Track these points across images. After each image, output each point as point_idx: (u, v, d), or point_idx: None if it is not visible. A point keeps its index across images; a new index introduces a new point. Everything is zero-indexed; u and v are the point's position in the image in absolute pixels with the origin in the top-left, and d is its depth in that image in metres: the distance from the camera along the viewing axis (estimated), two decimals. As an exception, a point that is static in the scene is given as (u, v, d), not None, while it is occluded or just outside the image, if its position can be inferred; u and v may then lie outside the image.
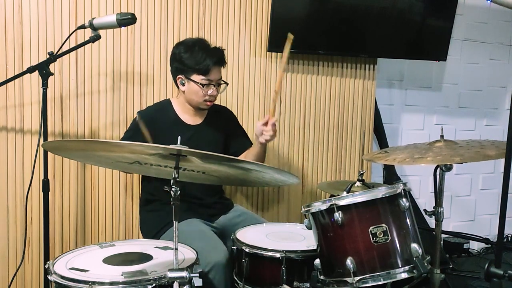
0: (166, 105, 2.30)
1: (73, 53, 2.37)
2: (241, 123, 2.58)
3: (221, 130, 2.37)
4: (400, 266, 1.59)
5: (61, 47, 2.20)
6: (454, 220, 3.70)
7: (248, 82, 2.80)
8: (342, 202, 1.62)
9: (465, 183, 3.71)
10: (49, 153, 2.17)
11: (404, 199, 1.64)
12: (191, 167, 1.51)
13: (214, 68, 2.16)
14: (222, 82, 2.24)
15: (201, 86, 2.16)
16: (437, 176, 1.86)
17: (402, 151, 1.86)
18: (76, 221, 2.52)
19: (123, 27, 2.09)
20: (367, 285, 1.58)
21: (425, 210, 1.86)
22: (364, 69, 3.06)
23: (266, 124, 2.12)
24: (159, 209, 2.21)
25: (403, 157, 1.77)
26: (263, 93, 2.84)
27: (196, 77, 2.16)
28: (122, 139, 2.29)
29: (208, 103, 2.22)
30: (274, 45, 2.74)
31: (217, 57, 2.18)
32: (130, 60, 2.54)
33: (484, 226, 3.78)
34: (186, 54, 2.16)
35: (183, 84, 2.20)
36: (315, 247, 1.77)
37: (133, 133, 2.19)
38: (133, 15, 2.05)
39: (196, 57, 2.14)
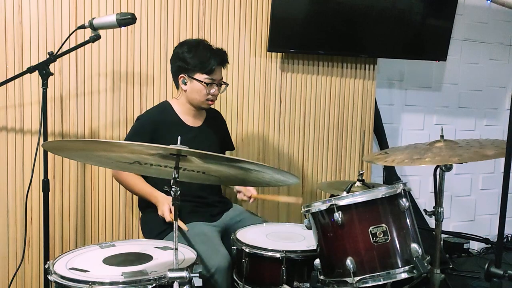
0: (166, 107, 2.29)
1: (73, 53, 2.37)
2: (241, 123, 2.59)
3: (218, 132, 2.41)
4: (400, 266, 1.59)
5: (61, 47, 2.20)
6: (454, 220, 3.70)
7: (248, 82, 2.80)
8: (342, 202, 1.62)
9: (465, 183, 3.71)
10: (49, 153, 2.17)
11: (404, 199, 1.64)
12: (191, 167, 1.51)
13: (217, 68, 2.19)
14: (223, 82, 2.25)
15: (205, 85, 2.17)
16: (437, 176, 1.86)
17: (402, 152, 1.86)
18: (76, 221, 2.52)
19: (123, 27, 2.08)
20: (367, 285, 1.58)
21: (425, 210, 1.87)
22: (364, 69, 3.06)
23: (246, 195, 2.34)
24: None
25: (402, 158, 1.78)
26: (263, 93, 2.84)
27: (200, 76, 2.17)
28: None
29: (210, 102, 2.23)
30: (274, 45, 2.75)
31: (221, 57, 2.22)
32: (130, 60, 2.55)
33: (484, 226, 3.78)
34: (190, 53, 2.17)
35: (185, 83, 2.20)
36: (315, 247, 1.77)
37: (132, 139, 2.19)
38: (133, 15, 2.05)
39: (201, 56, 2.16)
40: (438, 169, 1.85)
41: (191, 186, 1.74)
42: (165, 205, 2.06)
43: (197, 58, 2.16)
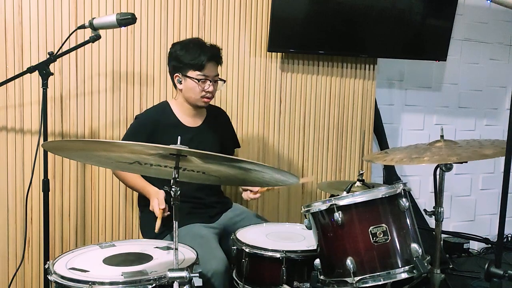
0: (165, 107, 2.29)
1: (73, 53, 2.37)
2: (241, 123, 2.58)
3: (219, 131, 2.39)
4: (400, 266, 1.59)
5: (61, 47, 2.20)
6: (454, 220, 3.70)
7: (248, 82, 2.80)
8: (342, 202, 1.62)
9: (465, 183, 3.71)
10: (49, 153, 2.17)
11: (404, 199, 1.64)
12: (191, 167, 1.51)
13: (209, 63, 2.17)
14: (219, 79, 2.24)
15: (197, 82, 2.16)
16: (437, 176, 1.86)
17: (402, 151, 1.86)
18: (76, 221, 2.52)
19: (123, 27, 2.08)
20: (367, 285, 1.58)
21: (425, 210, 1.87)
22: (364, 69, 3.06)
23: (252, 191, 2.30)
24: None
25: (401, 157, 1.78)
26: (263, 93, 2.84)
27: (191, 73, 2.17)
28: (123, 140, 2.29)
29: (206, 99, 2.21)
30: (274, 45, 2.75)
31: (212, 53, 2.20)
32: (130, 60, 2.55)
33: (484, 226, 3.78)
34: (182, 51, 2.18)
35: (180, 82, 2.20)
36: (315, 247, 1.77)
37: (131, 138, 2.19)
38: (133, 15, 2.05)
39: (191, 53, 2.16)
40: (438, 169, 1.85)
41: (189, 187, 1.74)
42: (154, 200, 2.04)
43: (188, 55, 2.16)
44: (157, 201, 2.02)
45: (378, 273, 1.58)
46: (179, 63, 2.18)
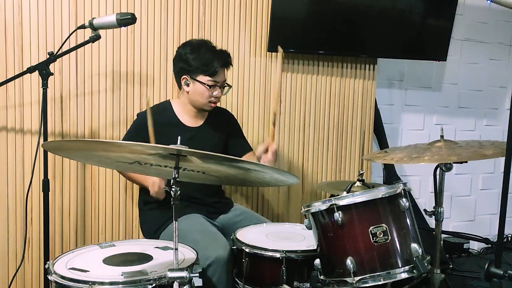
0: (166, 106, 2.30)
1: (73, 53, 2.37)
2: (241, 123, 2.58)
3: (221, 132, 2.37)
4: (400, 266, 1.59)
5: (61, 47, 2.20)
6: (454, 220, 3.70)
7: (248, 82, 2.80)
8: (342, 202, 1.62)
9: (465, 183, 3.71)
10: (49, 153, 2.17)
11: (404, 199, 1.64)
12: (191, 167, 1.51)
13: (220, 70, 2.19)
14: (226, 84, 2.25)
15: (208, 87, 2.17)
16: (437, 176, 1.86)
17: (402, 151, 1.86)
18: (76, 221, 2.52)
19: (123, 27, 2.09)
20: (367, 285, 1.58)
21: (425, 210, 1.87)
22: (364, 69, 3.06)
23: (266, 150, 2.17)
24: (158, 208, 2.22)
25: (401, 156, 1.78)
26: (263, 93, 2.84)
27: (202, 78, 2.16)
28: (123, 140, 2.29)
29: (212, 104, 2.23)
30: (274, 45, 2.74)
31: (224, 59, 2.21)
32: (130, 60, 2.55)
33: (484, 226, 3.78)
34: (193, 54, 2.17)
35: (188, 85, 2.20)
36: (315, 247, 1.77)
37: (134, 134, 2.20)
38: (133, 15, 2.05)
39: (203, 58, 2.16)
40: (438, 169, 1.85)
41: (187, 188, 1.73)
42: (150, 183, 2.09)
43: (200, 60, 2.16)
44: (155, 183, 2.07)
45: (378, 273, 1.58)
46: (188, 65, 2.17)
